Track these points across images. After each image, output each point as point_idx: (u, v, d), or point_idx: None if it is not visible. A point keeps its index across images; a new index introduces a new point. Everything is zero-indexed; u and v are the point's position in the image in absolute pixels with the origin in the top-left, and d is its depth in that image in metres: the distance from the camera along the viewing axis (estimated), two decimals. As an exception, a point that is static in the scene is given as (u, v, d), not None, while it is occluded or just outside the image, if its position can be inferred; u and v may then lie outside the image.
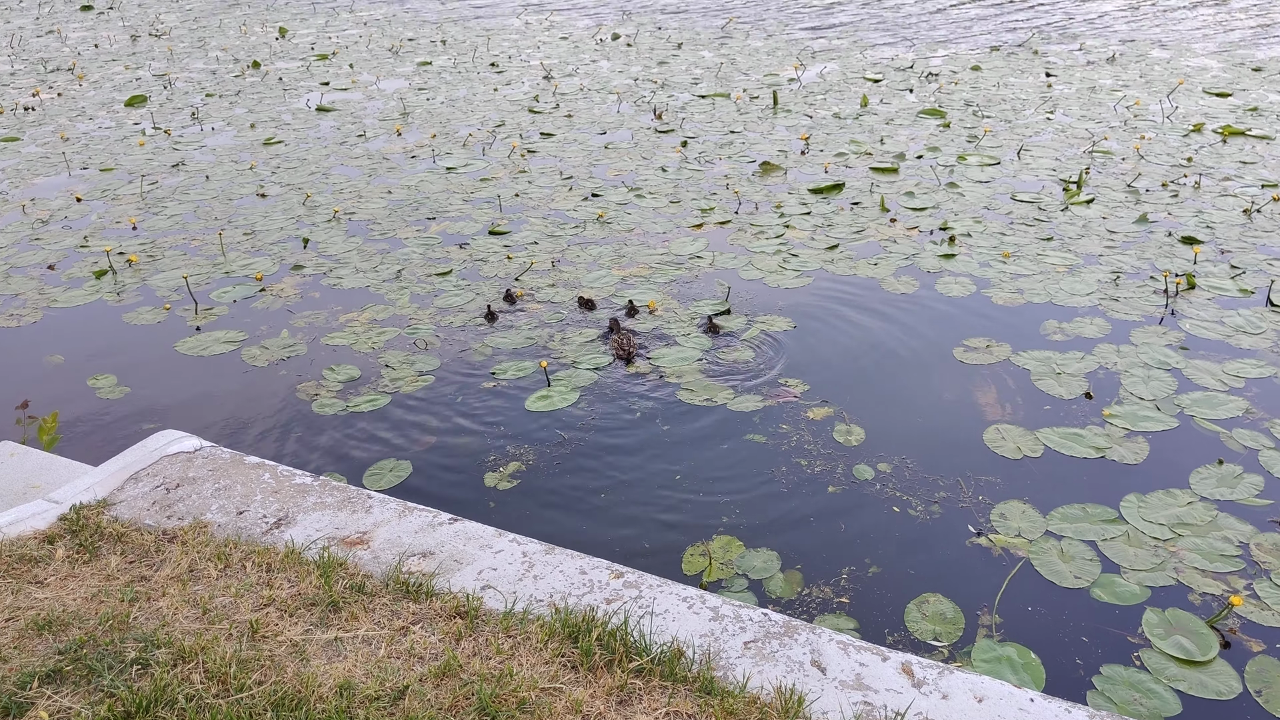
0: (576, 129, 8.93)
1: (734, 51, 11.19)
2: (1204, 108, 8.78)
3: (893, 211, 6.97)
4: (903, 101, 9.30)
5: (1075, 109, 8.90)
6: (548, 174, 7.89)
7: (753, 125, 8.83)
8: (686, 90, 9.89)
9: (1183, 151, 7.83)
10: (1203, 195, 7.03)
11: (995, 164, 7.75)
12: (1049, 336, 5.31)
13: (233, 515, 3.47)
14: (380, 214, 7.18)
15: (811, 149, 8.22)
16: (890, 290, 5.89)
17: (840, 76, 10.11)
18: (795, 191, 7.38)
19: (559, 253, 6.52)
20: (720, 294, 5.88)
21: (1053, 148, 8.04)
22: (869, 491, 4.11)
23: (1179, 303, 5.60)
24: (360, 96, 10.10)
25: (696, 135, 8.64)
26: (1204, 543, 3.78)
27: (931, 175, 7.56)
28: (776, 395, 4.83)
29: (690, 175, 7.77)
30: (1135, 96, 9.11)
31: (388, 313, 5.78)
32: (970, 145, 8.15)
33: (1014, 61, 10.34)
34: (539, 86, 10.21)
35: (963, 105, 9.10)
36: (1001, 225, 6.68)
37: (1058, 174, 7.51)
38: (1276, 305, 5.54)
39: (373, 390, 4.98)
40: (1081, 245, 6.35)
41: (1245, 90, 9.16)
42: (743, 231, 6.73)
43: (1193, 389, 4.79)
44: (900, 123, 8.74)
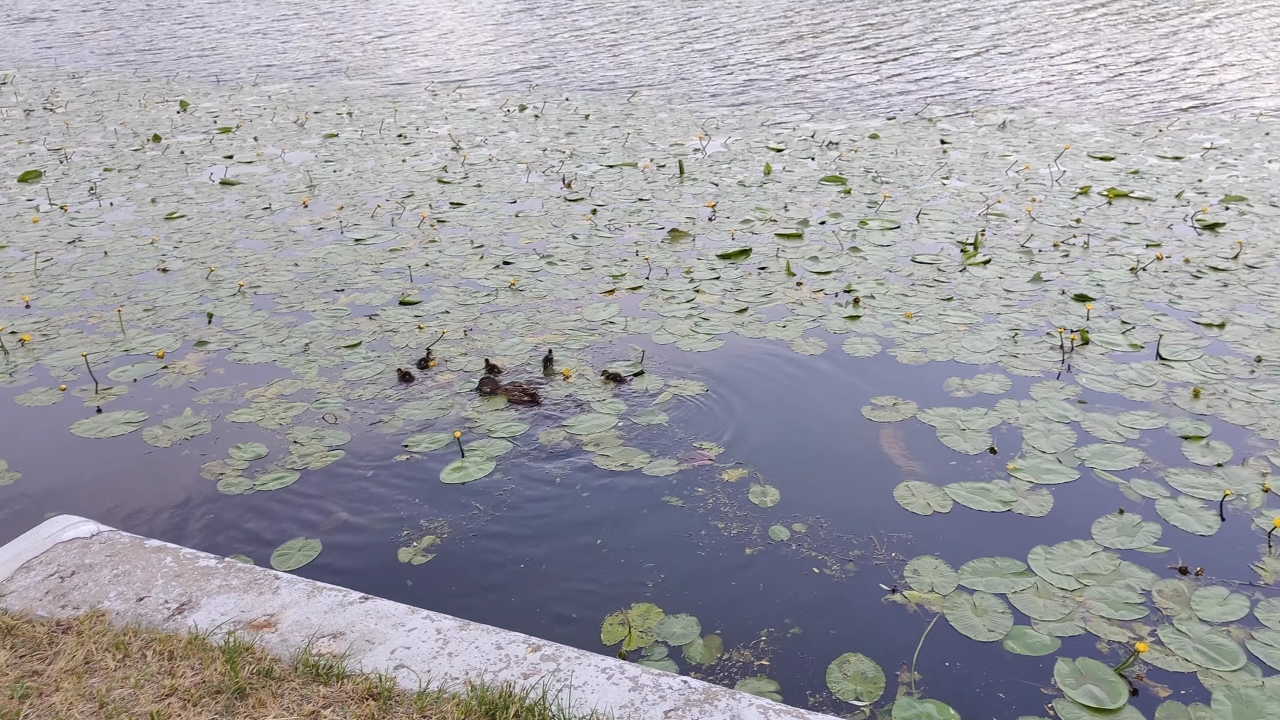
0: (486, 198, 8.97)
1: (640, 123, 11.40)
2: (1089, 171, 9.20)
3: (799, 275, 7.12)
4: (805, 169, 9.56)
5: (970, 174, 9.24)
6: (458, 243, 7.89)
7: (661, 193, 8.98)
8: (595, 160, 10.03)
9: (1071, 213, 8.17)
10: (1092, 255, 7.33)
11: (895, 228, 7.98)
12: (953, 393, 5.44)
13: (132, 602, 3.34)
14: (287, 287, 7.08)
15: (718, 216, 8.37)
16: (799, 352, 5.99)
17: (744, 146, 10.36)
18: (704, 257, 7.49)
19: (471, 321, 6.49)
20: (635, 357, 5.91)
21: (949, 211, 8.32)
22: (785, 552, 4.14)
23: (1075, 358, 5.80)
24: (265, 170, 10.01)
25: (606, 203, 8.75)
26: (1109, 591, 3.88)
27: (835, 240, 7.75)
28: (692, 459, 4.86)
29: (601, 242, 7.84)
30: (1025, 161, 9.51)
31: (295, 387, 5.67)
32: (871, 210, 8.39)
33: (910, 130, 10.73)
34: (447, 157, 10.25)
35: (863, 172, 9.38)
36: (903, 287, 6.87)
37: (955, 236, 7.76)
38: (1165, 359, 5.77)
39: (280, 467, 4.86)
40: (980, 304, 6.55)
41: (1127, 154, 9.63)
42: (654, 296, 6.80)
43: (1091, 441, 4.94)
44: (803, 190, 8.97)
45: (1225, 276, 6.89)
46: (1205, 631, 3.65)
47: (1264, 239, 7.53)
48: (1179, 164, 9.31)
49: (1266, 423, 5.09)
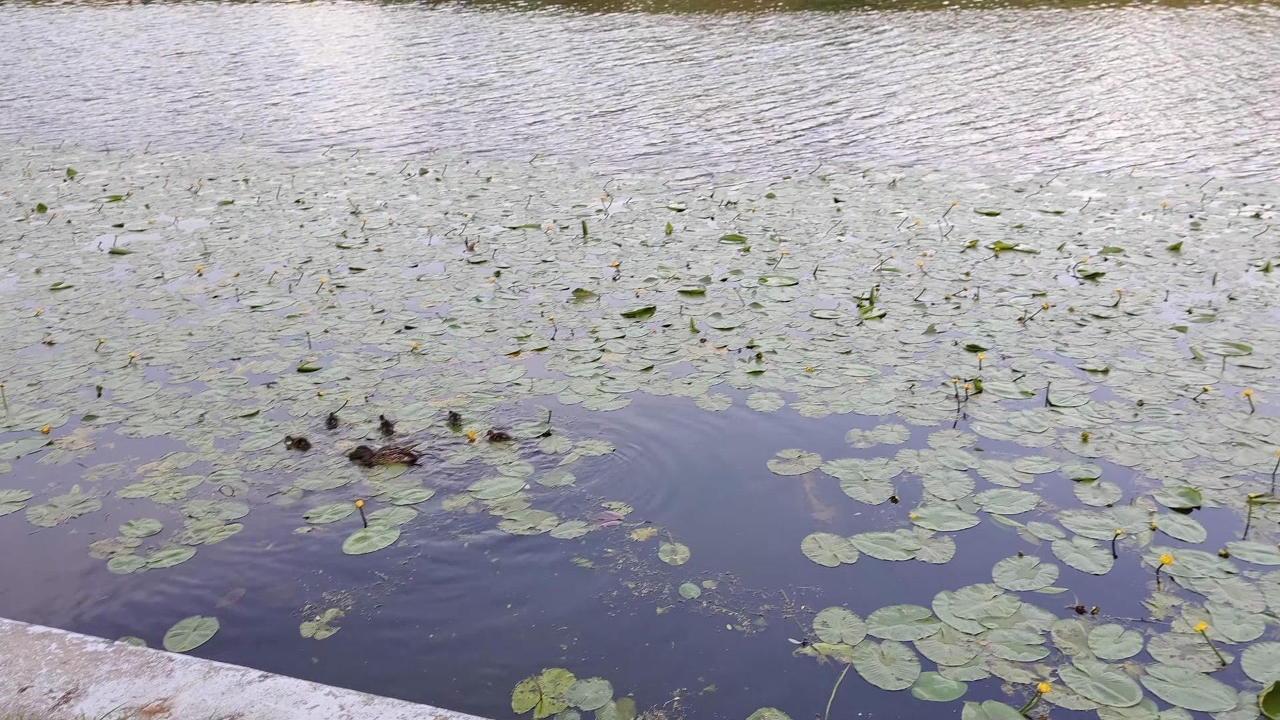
0: (387, 263, 8.90)
1: (543, 185, 11.48)
2: (976, 226, 9.55)
3: (702, 332, 7.20)
4: (705, 229, 9.72)
5: (863, 230, 9.51)
6: (359, 308, 7.79)
7: (564, 254, 9.03)
8: (498, 223, 10.05)
9: (961, 267, 8.46)
10: (982, 306, 7.59)
11: (794, 284, 8.15)
12: (854, 445, 5.55)
13: (14, 693, 3.17)
14: (181, 357, 6.89)
15: (622, 275, 8.44)
16: (705, 408, 6.04)
17: (646, 207, 10.51)
18: (609, 316, 7.54)
19: (373, 387, 6.40)
20: (541, 418, 5.89)
21: (845, 267, 8.53)
22: (696, 610, 4.14)
23: (969, 407, 5.97)
24: (158, 238, 9.78)
25: (509, 265, 8.75)
26: (1011, 634, 3.96)
27: (736, 297, 7.88)
28: (600, 519, 4.84)
29: (505, 304, 7.83)
30: (916, 218, 9.83)
31: (190, 460, 5.50)
32: (770, 268, 8.56)
33: (805, 189, 11.02)
34: (347, 222, 10.16)
35: (761, 231, 9.58)
36: (804, 341, 7.00)
37: (851, 291, 7.96)
38: (1055, 405, 5.98)
39: (175, 544, 4.70)
40: (878, 357, 6.71)
41: (1011, 209, 10.04)
42: (560, 357, 6.80)
43: (989, 487, 5.08)
44: (704, 249, 9.12)
45: (1107, 324, 7.19)
46: (1103, 669, 3.75)
47: (1141, 287, 7.89)
48: (1060, 218, 9.73)
49: (1151, 463, 5.30)
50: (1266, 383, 6.25)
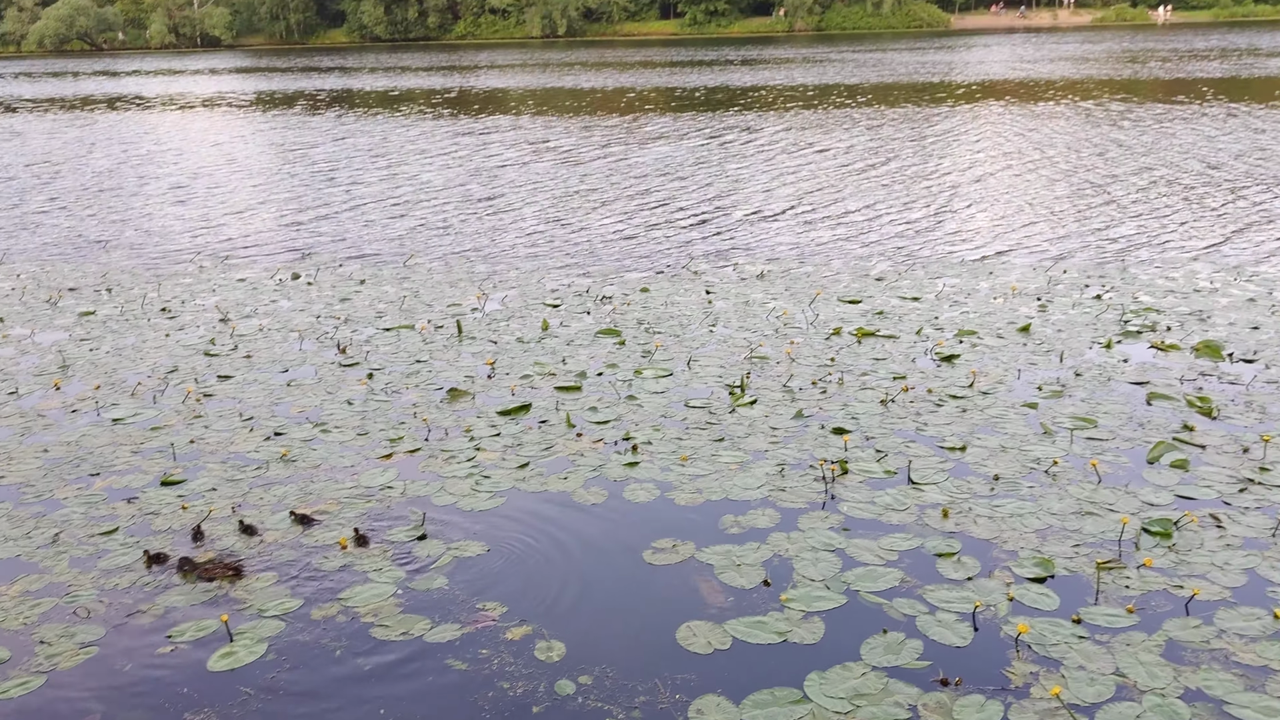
0: (257, 369, 8.75)
1: (418, 285, 11.50)
2: (840, 314, 9.93)
3: (579, 427, 7.27)
4: (581, 323, 9.87)
5: (734, 321, 9.79)
6: (226, 416, 7.63)
7: (439, 354, 9.03)
8: (371, 324, 10.01)
9: (826, 353, 8.76)
10: (846, 390, 7.86)
11: (668, 375, 8.32)
12: (727, 531, 5.65)
13: None
14: (34, 475, 6.62)
15: (498, 373, 8.48)
16: (581, 502, 6.08)
17: (522, 304, 10.61)
18: (484, 415, 7.55)
19: (240, 497, 6.25)
20: (415, 520, 5.83)
21: (717, 357, 8.75)
22: (572, 707, 4.12)
23: (836, 488, 6.15)
24: (12, 352, 9.43)
25: (382, 367, 8.71)
26: (879, 710, 4.06)
27: (612, 390, 7.99)
28: (475, 621, 4.80)
29: (378, 406, 7.77)
30: (784, 307, 10.16)
31: (43, 582, 5.26)
32: (645, 360, 8.72)
33: (678, 283, 11.30)
34: (216, 329, 9.97)
35: (636, 324, 9.77)
36: (678, 431, 7.13)
37: (723, 380, 8.16)
38: (916, 483, 6.21)
39: (25, 671, 4.47)
40: (749, 443, 6.88)
41: (872, 297, 10.47)
42: (434, 458, 6.77)
43: (856, 565, 5.22)
44: (580, 343, 9.24)
45: (964, 403, 7.53)
46: (967, 739, 3.87)
47: (994, 367, 8.29)
48: (918, 304, 10.19)
49: (1007, 535, 5.53)
50: (1111, 453, 6.61)
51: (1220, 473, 6.28)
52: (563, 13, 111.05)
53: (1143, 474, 6.30)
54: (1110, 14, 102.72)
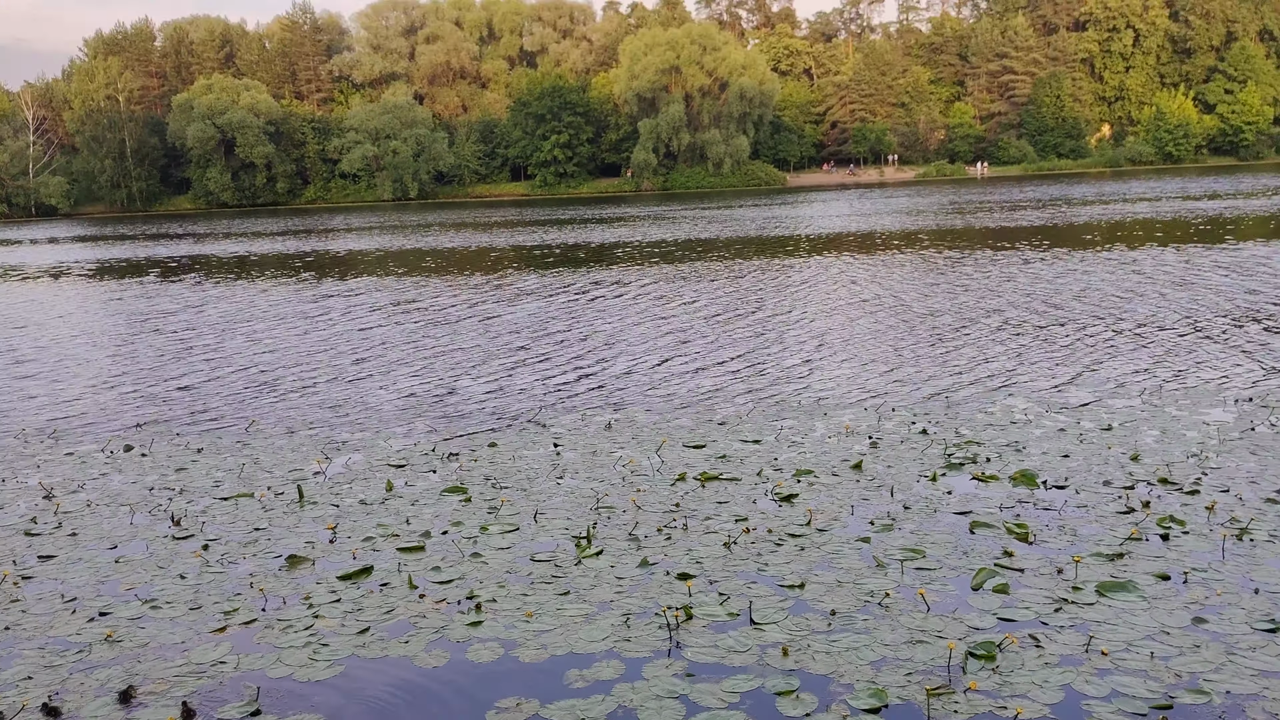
0: (83, 547, 8.35)
1: (258, 452, 11.24)
2: (685, 459, 10.17)
3: (421, 588, 7.17)
4: (427, 482, 9.81)
5: (582, 472, 9.90)
6: (46, 599, 7.22)
7: (278, 521, 8.81)
8: (207, 494, 9.71)
9: (672, 499, 8.93)
10: (691, 535, 8.01)
11: (515, 530, 8.32)
12: (572, 685, 5.63)
13: None
14: None
15: (339, 537, 8.32)
16: (423, 666, 5.97)
17: (366, 465, 10.49)
18: (324, 581, 7.37)
19: (58, 684, 5.89)
20: (247, 696, 5.60)
21: (565, 509, 8.82)
22: None
23: (681, 634, 6.22)
24: None
25: (218, 537, 8.43)
26: None
27: (456, 549, 7.93)
28: (307, 798, 4.61)
29: (212, 579, 7.50)
30: (630, 456, 10.35)
31: None
32: (491, 516, 8.71)
33: (526, 435, 11.40)
34: (38, 507, 9.49)
35: (483, 480, 9.77)
36: (524, 586, 7.11)
37: (570, 532, 8.21)
38: (757, 623, 6.34)
39: None
40: (595, 594, 6.91)
41: (715, 441, 10.78)
42: (270, 629, 6.55)
43: (699, 710, 5.27)
44: (425, 503, 9.18)
45: (802, 541, 7.77)
46: None
47: (830, 504, 8.61)
48: (759, 446, 10.54)
49: (844, 669, 5.69)
50: (939, 582, 6.91)
51: (1038, 594, 6.63)
52: (414, 176, 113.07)
53: (968, 599, 6.60)
54: (931, 170, 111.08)
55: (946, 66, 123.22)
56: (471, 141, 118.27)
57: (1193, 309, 17.61)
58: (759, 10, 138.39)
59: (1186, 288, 20.21)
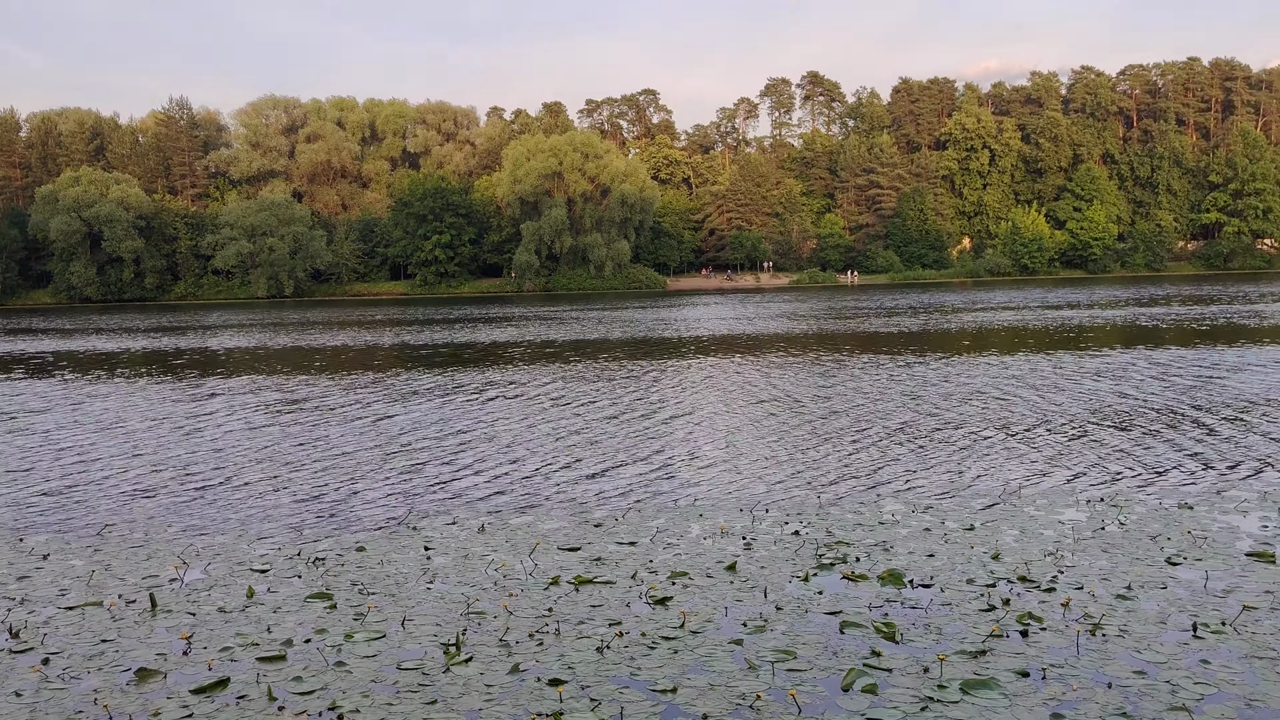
0: (-95, 664, 7.72)
1: (109, 557, 10.67)
2: (559, 562, 10.06)
3: (281, 700, 6.85)
4: (291, 588, 9.45)
5: (453, 576, 9.69)
6: None
7: (129, 631, 8.34)
8: (51, 603, 9.13)
9: (545, 603, 8.80)
10: (564, 640, 7.89)
11: (381, 637, 8.06)
12: (435, 799, 5.41)
13: None
14: None
15: (194, 648, 7.92)
16: (277, 784, 5.66)
17: (226, 571, 10.06)
18: (176, 695, 6.98)
19: None
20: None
21: (434, 615, 8.59)
22: None
23: (550, 742, 6.07)
24: None
25: (61, 650, 7.92)
26: None
27: (320, 657, 7.63)
28: None
29: (51, 696, 7.02)
30: (503, 560, 10.19)
31: None
32: (357, 623, 8.42)
33: (396, 539, 11.11)
34: None
35: (350, 585, 9.47)
36: (389, 696, 6.87)
37: (439, 639, 7.99)
38: (628, 728, 6.24)
39: None
40: (463, 703, 6.71)
41: (591, 544, 10.70)
42: (111, 750, 6.14)
43: (566, 822, 5.11)
44: (288, 610, 8.83)
45: (675, 644, 7.73)
46: None
47: (704, 606, 8.61)
48: (634, 548, 10.51)
49: (714, 774, 5.62)
50: (809, 683, 6.94)
51: (905, 694, 6.72)
52: (290, 273, 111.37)
53: (837, 700, 6.64)
54: (805, 277, 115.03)
55: (817, 179, 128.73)
56: (351, 240, 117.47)
57: (1050, 411, 18.47)
58: (639, 121, 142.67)
59: (1044, 391, 21.21)
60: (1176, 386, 21.49)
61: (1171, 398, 19.87)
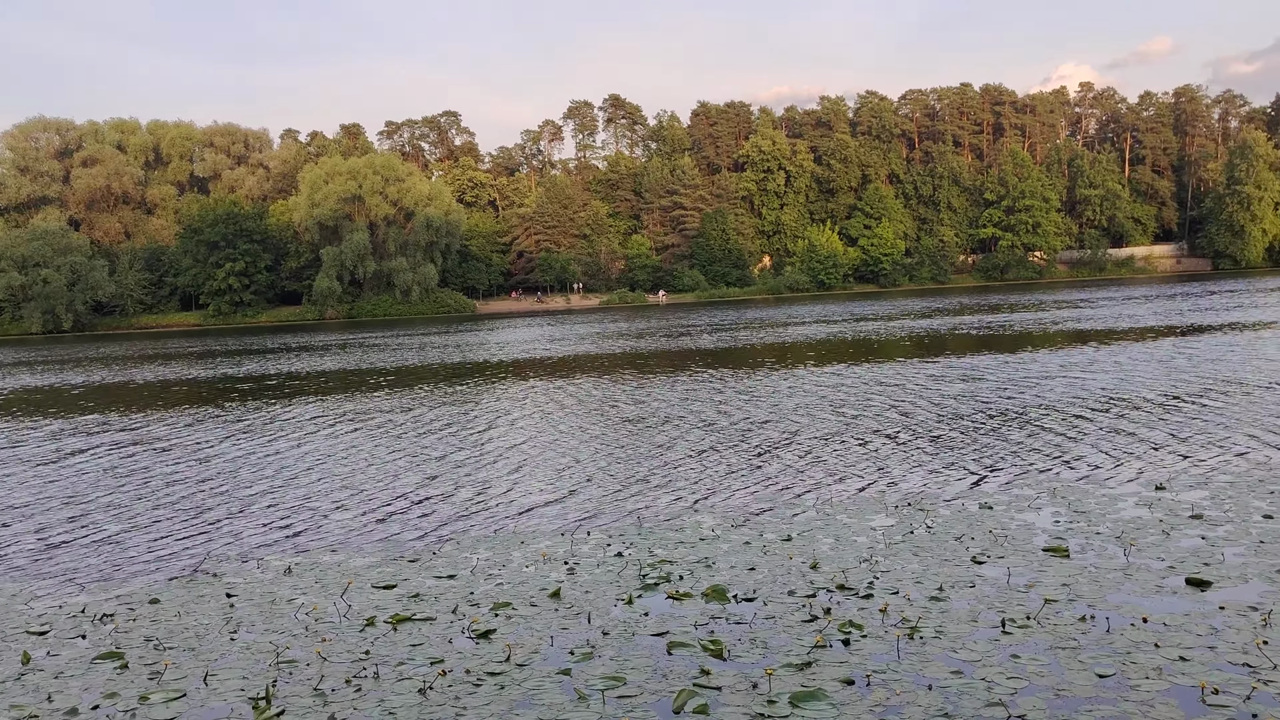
0: None
1: None
2: (375, 601, 9.59)
3: (64, 778, 6.18)
4: (75, 650, 8.62)
5: (259, 624, 9.08)
6: None
7: (-122, 714, 7.37)
8: None
9: (361, 646, 8.35)
10: (382, 683, 7.49)
11: (181, 696, 7.44)
12: None
13: None
14: None
15: (-41, 727, 7.07)
16: None
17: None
18: (-64, 784, 6.18)
19: None
20: None
21: (240, 667, 8.01)
22: None
23: (372, 797, 5.70)
24: None
25: None
26: None
27: (109, 725, 6.95)
28: None
29: None
30: (314, 603, 9.63)
31: None
32: (153, 683, 7.75)
33: (194, 589, 10.34)
34: None
35: (143, 642, 8.73)
36: (190, 762, 6.30)
37: (246, 693, 7.44)
38: (456, 774, 5.93)
39: None
40: (274, 762, 6.23)
41: (407, 579, 10.27)
42: None
43: None
44: (72, 674, 8.04)
45: (501, 679, 7.46)
46: None
47: (529, 637, 8.37)
48: (453, 581, 10.15)
49: (549, 815, 5.39)
50: (640, 708, 6.82)
51: (736, 712, 6.69)
52: (68, 306, 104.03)
53: (670, 725, 6.54)
54: (615, 297, 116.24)
55: (623, 201, 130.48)
56: (135, 269, 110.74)
57: (856, 421, 19.14)
58: (442, 143, 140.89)
59: (850, 402, 22.00)
60: (971, 393, 22.73)
61: (968, 404, 20.99)
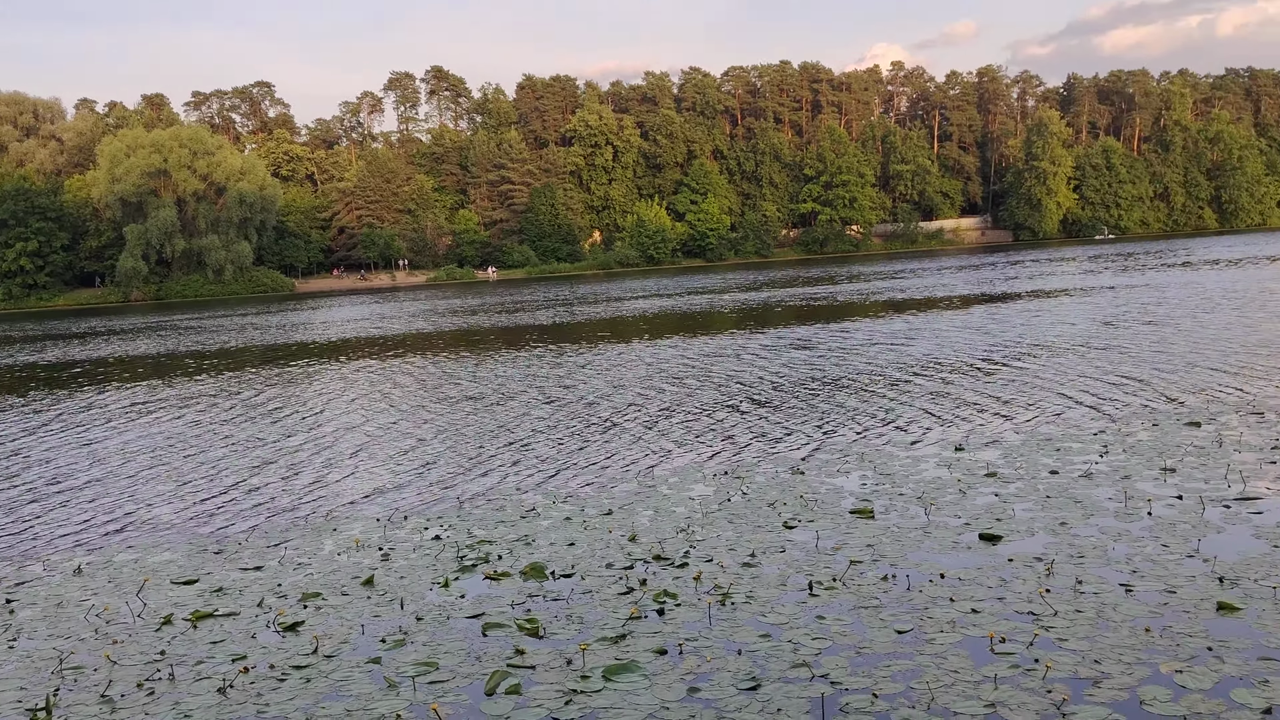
0: None
1: None
2: (173, 599, 9.08)
3: None
4: None
5: (42, 630, 8.46)
6: None
7: None
8: None
9: (156, 646, 7.89)
10: (179, 685, 7.09)
11: (-52, 715, 6.82)
12: None
13: None
14: None
15: None
16: None
17: None
18: None
19: None
20: None
21: (17, 677, 7.43)
22: None
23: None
24: None
25: None
26: None
27: None
28: None
29: None
30: (105, 603, 9.04)
31: None
32: (-85, 701, 7.08)
33: (-29, 594, 9.55)
34: None
35: (-94, 656, 7.98)
36: (-45, 785, 5.79)
37: (24, 705, 6.90)
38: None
39: None
40: (52, 778, 5.79)
41: (210, 574, 9.76)
42: None
43: None
44: None
45: (308, 672, 7.17)
46: None
47: (338, 627, 8.08)
48: (260, 573, 9.71)
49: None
50: (453, 693, 6.68)
51: (549, 690, 6.63)
52: None
53: (481, 707, 6.43)
54: (442, 274, 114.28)
55: (449, 175, 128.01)
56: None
57: (682, 394, 19.38)
58: (255, 115, 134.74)
59: (678, 375, 22.27)
60: (789, 362, 23.38)
61: (785, 373, 21.57)
